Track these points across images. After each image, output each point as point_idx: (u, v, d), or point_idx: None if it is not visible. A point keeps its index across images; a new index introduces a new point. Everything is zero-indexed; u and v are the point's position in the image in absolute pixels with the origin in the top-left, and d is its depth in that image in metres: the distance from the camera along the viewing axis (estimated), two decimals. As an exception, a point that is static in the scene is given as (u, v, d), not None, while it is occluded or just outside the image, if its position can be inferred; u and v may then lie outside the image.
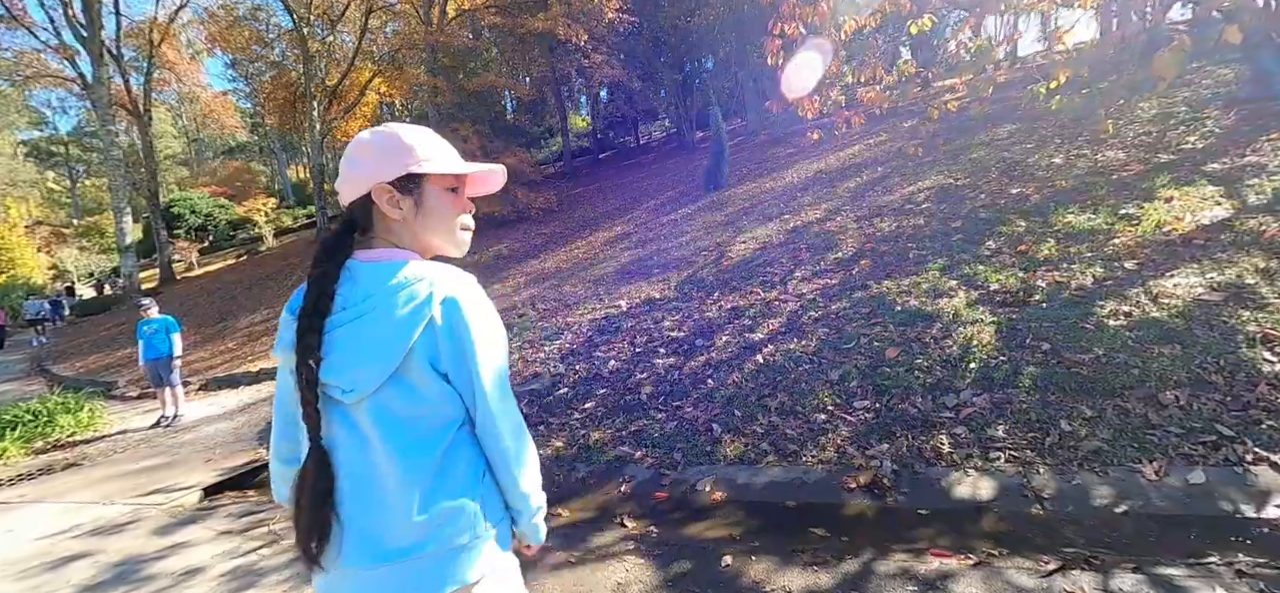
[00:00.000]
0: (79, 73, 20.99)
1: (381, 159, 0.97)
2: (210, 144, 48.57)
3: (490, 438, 0.98)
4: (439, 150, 1.02)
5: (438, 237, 1.06)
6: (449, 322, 0.92)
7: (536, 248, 12.88)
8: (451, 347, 0.92)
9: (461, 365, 0.93)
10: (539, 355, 5.42)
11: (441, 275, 0.95)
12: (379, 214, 0.99)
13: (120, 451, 6.00)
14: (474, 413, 0.97)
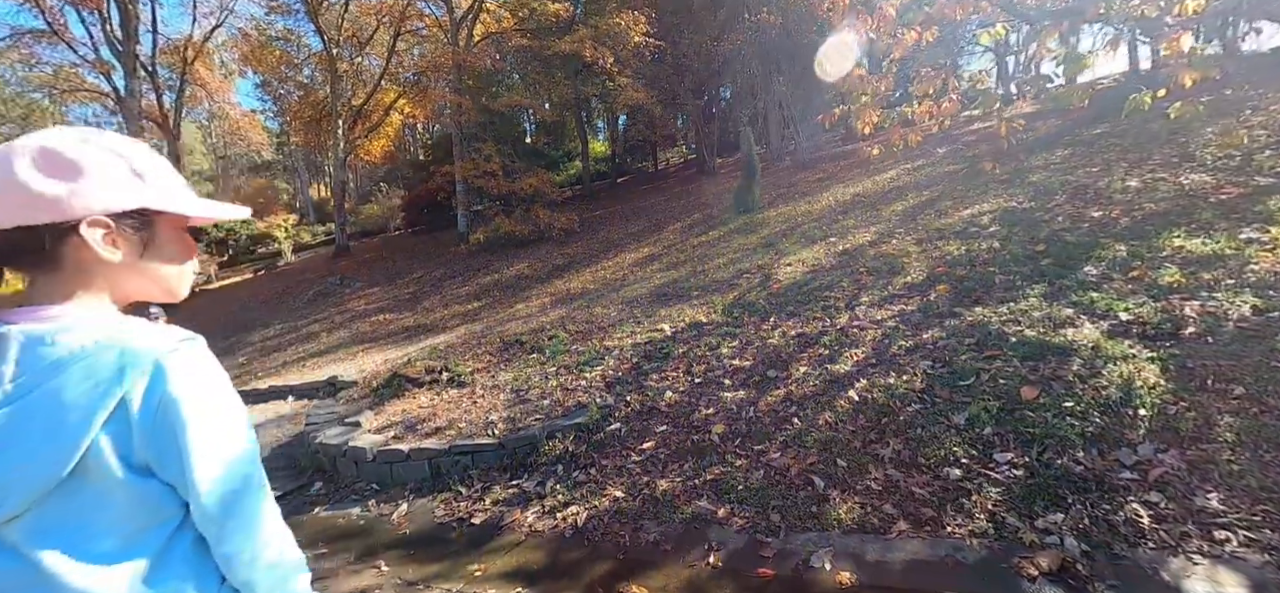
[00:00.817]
0: (114, 87, 20.82)
1: (105, 182, 0.70)
2: (236, 161, 48.75)
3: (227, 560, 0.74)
4: (176, 180, 0.80)
5: (159, 286, 0.81)
6: (152, 400, 0.67)
7: (559, 268, 12.21)
8: (156, 432, 0.68)
9: (173, 457, 0.69)
10: (580, 383, 4.67)
11: (141, 336, 0.69)
12: (71, 253, 0.70)
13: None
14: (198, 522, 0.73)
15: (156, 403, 0.67)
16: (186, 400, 0.69)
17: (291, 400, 7.45)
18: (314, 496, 3.93)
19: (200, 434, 0.70)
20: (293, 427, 5.98)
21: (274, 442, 5.50)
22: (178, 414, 0.68)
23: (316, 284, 17.02)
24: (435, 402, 4.83)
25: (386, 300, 13.61)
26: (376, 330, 10.97)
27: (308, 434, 4.60)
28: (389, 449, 3.87)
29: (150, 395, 0.67)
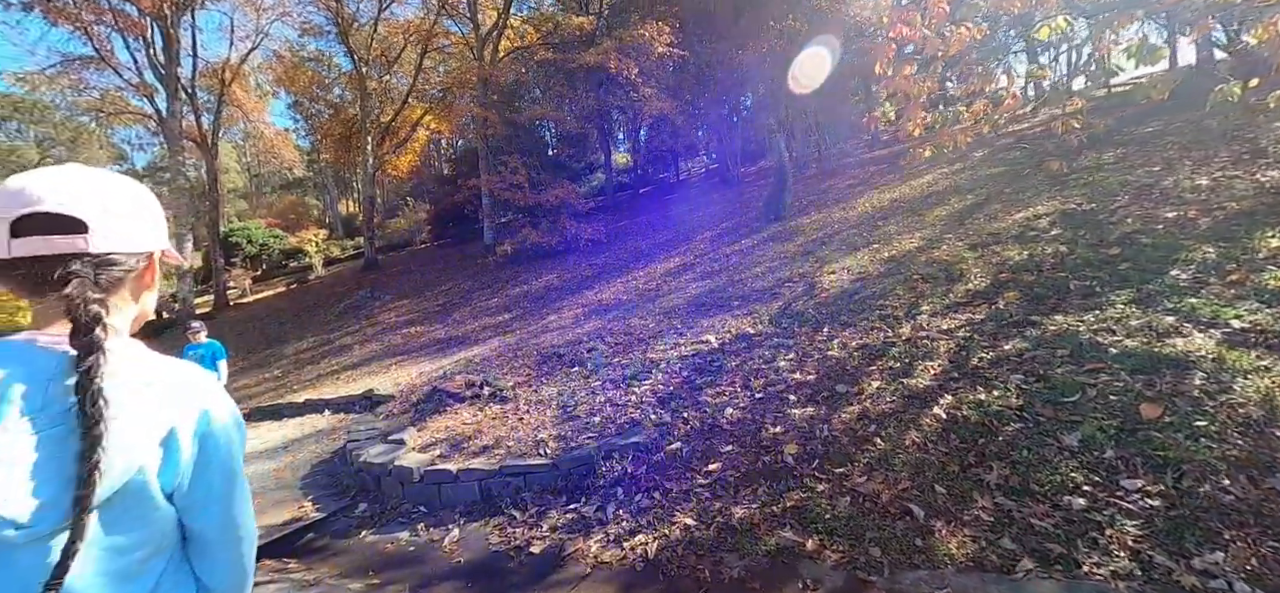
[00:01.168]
0: (156, 109, 21.31)
1: (158, 223, 0.86)
2: (269, 179, 49.76)
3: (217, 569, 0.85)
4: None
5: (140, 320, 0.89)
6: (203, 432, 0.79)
7: (589, 279, 12.00)
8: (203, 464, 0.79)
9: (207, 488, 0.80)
10: (629, 398, 4.41)
11: (188, 375, 0.82)
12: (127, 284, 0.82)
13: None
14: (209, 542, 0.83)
15: (204, 430, 0.79)
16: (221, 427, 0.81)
17: (327, 414, 7.31)
18: (359, 517, 3.71)
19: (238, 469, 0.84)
20: (331, 442, 5.81)
21: (314, 458, 5.33)
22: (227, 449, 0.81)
23: (347, 297, 17.08)
24: (479, 418, 4.61)
25: (416, 313, 13.54)
26: (408, 343, 10.86)
27: (350, 451, 4.41)
28: (436, 469, 3.64)
29: (203, 427, 0.78)
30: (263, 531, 3.64)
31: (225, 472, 0.82)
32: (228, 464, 0.82)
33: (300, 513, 3.81)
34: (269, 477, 4.99)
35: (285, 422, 7.43)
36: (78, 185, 0.75)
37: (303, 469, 5.05)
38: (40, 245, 0.71)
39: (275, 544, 3.42)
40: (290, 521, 3.70)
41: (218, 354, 6.15)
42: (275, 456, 5.74)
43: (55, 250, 0.72)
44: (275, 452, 5.89)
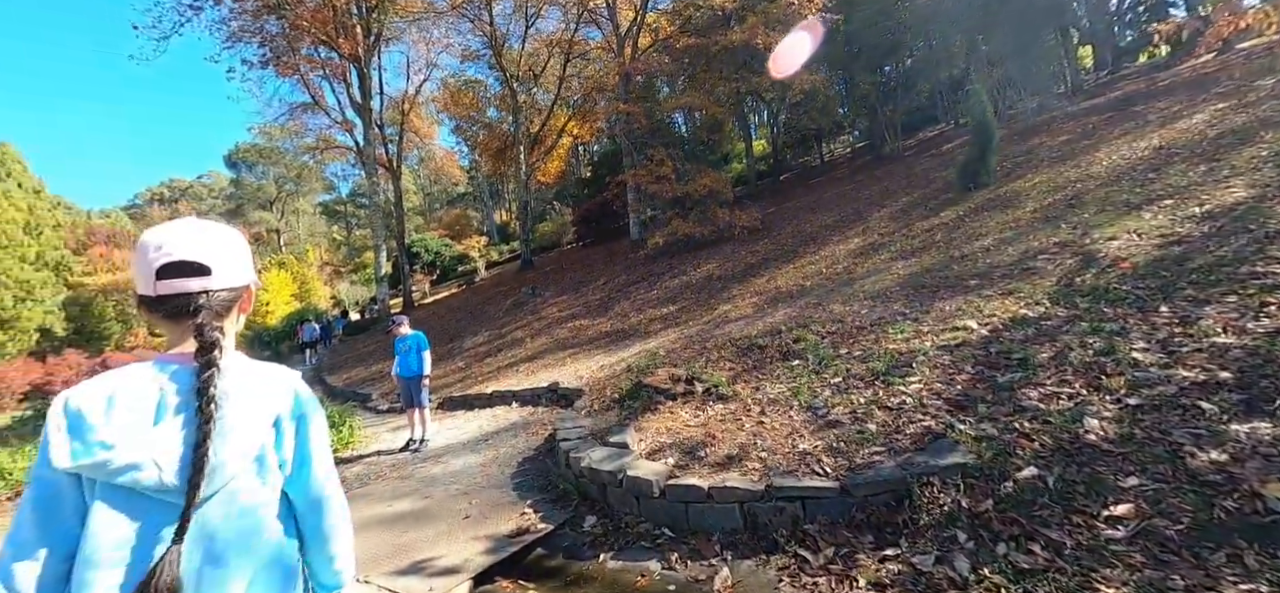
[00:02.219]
0: (355, 142, 24.19)
1: (249, 262, 1.03)
2: (438, 197, 55.22)
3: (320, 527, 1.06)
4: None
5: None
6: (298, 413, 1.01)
7: (753, 267, 10.94)
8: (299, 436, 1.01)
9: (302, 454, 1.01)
10: (899, 399, 3.33)
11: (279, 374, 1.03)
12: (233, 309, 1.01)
13: (373, 477, 5.11)
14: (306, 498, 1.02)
15: (298, 413, 1.01)
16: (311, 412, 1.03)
17: (516, 406, 7.12)
18: (591, 534, 3.09)
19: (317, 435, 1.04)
20: (530, 437, 5.45)
21: (517, 454, 4.96)
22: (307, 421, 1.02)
23: (511, 295, 17.76)
24: (703, 420, 3.83)
25: (577, 307, 13.49)
26: (576, 336, 10.67)
27: (565, 454, 3.86)
28: (681, 485, 2.89)
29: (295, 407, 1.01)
30: (490, 540, 3.15)
31: (319, 438, 1.03)
32: (318, 432, 1.03)
33: (524, 523, 3.29)
34: (477, 472, 4.68)
35: (477, 412, 7.38)
36: (201, 238, 0.94)
37: (509, 466, 4.67)
38: (179, 285, 0.91)
39: (508, 563, 2.90)
40: (517, 533, 3.18)
41: (422, 345, 6.14)
42: (477, 449, 5.50)
43: (189, 290, 0.92)
44: (476, 445, 5.67)
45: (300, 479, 1.00)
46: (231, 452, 0.88)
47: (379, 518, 3.82)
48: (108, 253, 42.93)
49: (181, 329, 0.93)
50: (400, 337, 6.14)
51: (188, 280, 0.91)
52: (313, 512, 1.02)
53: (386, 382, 11.98)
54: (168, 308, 0.92)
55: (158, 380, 0.89)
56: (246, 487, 0.92)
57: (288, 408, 0.98)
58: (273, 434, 0.96)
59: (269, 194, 49.75)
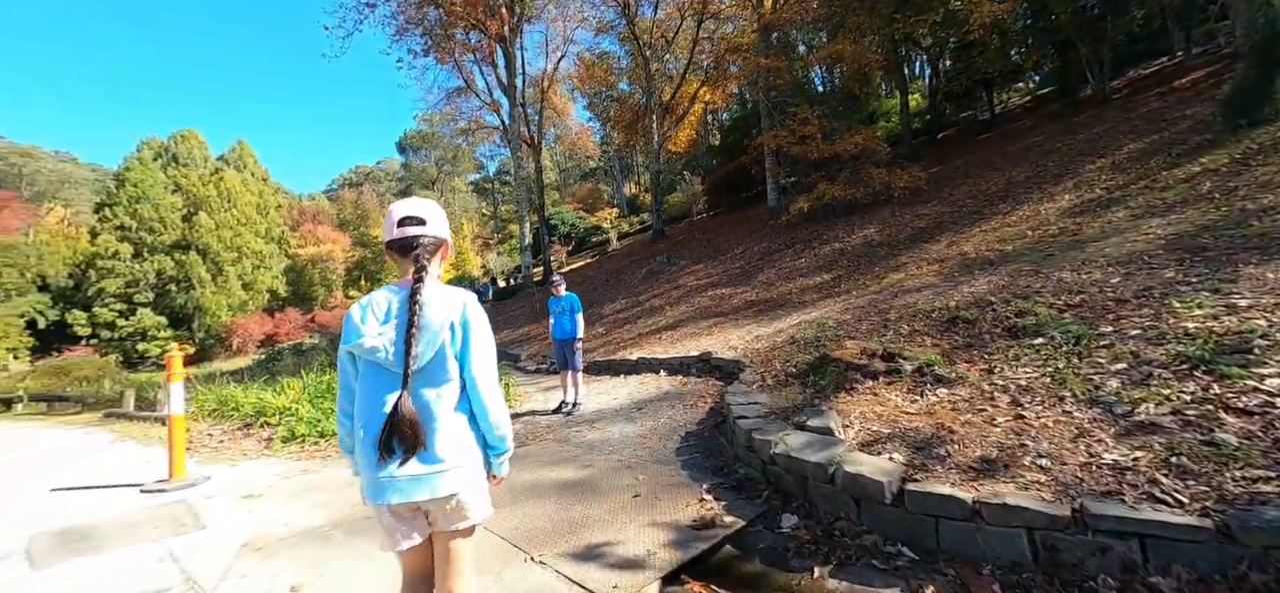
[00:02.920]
0: (501, 121, 25.62)
1: (446, 224, 1.56)
2: (572, 172, 57.44)
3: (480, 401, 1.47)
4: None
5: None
6: (465, 320, 1.46)
7: (924, 232, 9.42)
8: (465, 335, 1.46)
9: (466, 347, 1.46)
10: (1261, 402, 2.25)
11: (459, 293, 1.50)
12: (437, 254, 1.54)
13: (531, 438, 5.02)
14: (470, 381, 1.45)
15: (464, 321, 1.46)
16: (475, 322, 1.47)
17: (664, 375, 6.74)
18: (792, 538, 2.50)
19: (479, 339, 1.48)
20: (686, 409, 5.00)
21: (677, 427, 4.52)
22: (471, 328, 1.46)
23: (645, 264, 17.62)
24: (925, 406, 3.02)
25: (716, 276, 12.85)
26: (719, 305, 10.08)
27: (742, 432, 3.31)
28: (929, 493, 2.16)
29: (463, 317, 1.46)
30: (671, 530, 2.69)
31: (478, 338, 1.46)
32: (474, 338, 1.45)
33: (706, 513, 2.80)
34: (636, 443, 4.31)
35: (624, 379, 7.13)
36: (421, 204, 1.51)
37: (670, 439, 4.24)
38: (408, 231, 1.47)
39: (695, 562, 2.41)
40: (702, 525, 2.68)
41: (576, 307, 5.97)
42: (632, 417, 5.17)
43: (411, 234, 1.47)
44: (630, 413, 5.35)
45: (466, 367, 1.43)
46: (425, 343, 1.38)
47: (543, 485, 3.58)
48: (313, 229, 50.91)
49: (406, 263, 1.46)
50: (555, 296, 6.01)
51: (411, 228, 1.45)
52: (474, 391, 1.43)
53: (533, 343, 12.45)
54: (399, 247, 1.46)
55: (390, 297, 1.44)
56: (436, 365, 1.40)
57: (459, 318, 1.43)
58: (450, 333, 1.41)
59: (430, 175, 55.32)
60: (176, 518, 3.53)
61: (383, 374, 1.39)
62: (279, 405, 6.12)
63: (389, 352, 1.37)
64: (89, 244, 38.82)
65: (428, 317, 1.38)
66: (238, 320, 39.57)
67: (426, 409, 1.38)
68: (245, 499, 3.84)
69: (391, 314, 1.41)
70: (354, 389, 1.46)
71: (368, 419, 1.37)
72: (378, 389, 1.38)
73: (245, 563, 2.77)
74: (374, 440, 1.34)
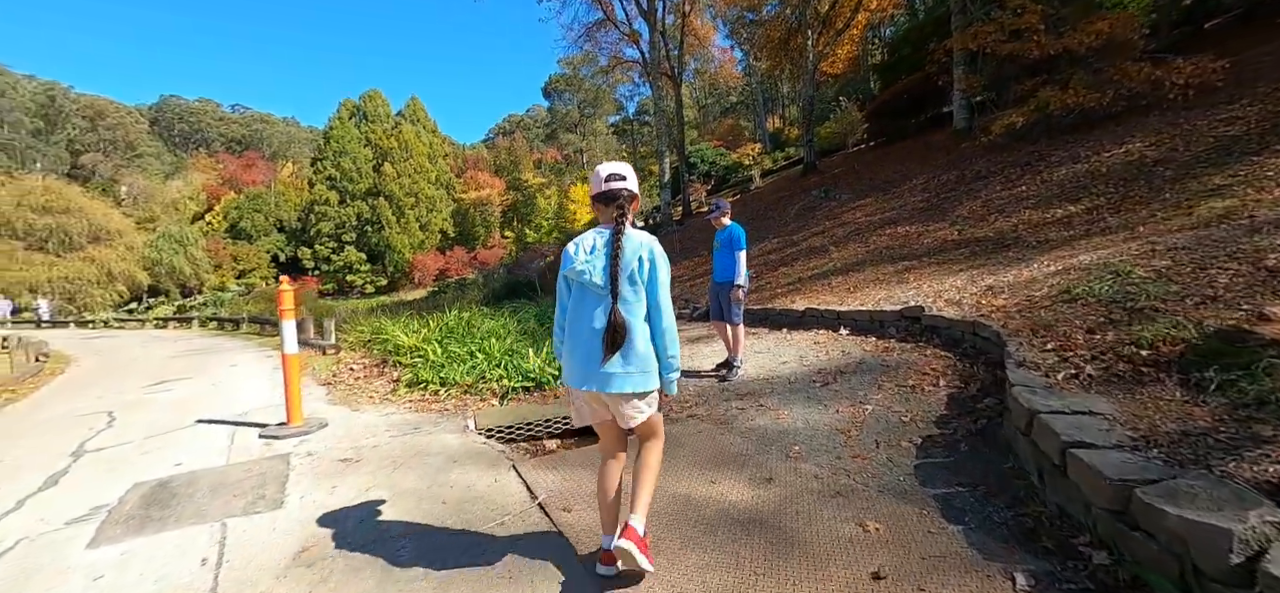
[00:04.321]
0: (641, 53, 24.18)
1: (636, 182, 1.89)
2: (711, 109, 54.62)
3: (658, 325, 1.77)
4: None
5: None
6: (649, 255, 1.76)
7: (1238, 143, 6.22)
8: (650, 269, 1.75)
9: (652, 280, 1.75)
10: None
11: (646, 236, 1.81)
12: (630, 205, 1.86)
13: (678, 414, 3.80)
14: (651, 307, 1.76)
15: (650, 257, 1.75)
16: (659, 259, 1.76)
17: (845, 333, 5.07)
18: None
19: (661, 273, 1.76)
20: (904, 392, 3.35)
21: (900, 423, 2.93)
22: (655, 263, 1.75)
23: (797, 200, 15.36)
24: None
25: (891, 211, 10.39)
26: (905, 245, 7.89)
27: (1106, 486, 1.68)
28: None
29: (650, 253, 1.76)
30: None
31: (661, 272, 1.76)
32: (658, 271, 1.75)
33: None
34: (838, 445, 2.82)
35: (789, 335, 5.58)
36: (621, 165, 1.85)
37: (896, 446, 2.69)
38: (613, 185, 1.80)
39: None
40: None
41: (737, 239, 4.56)
42: (815, 394, 3.65)
43: (615, 188, 1.80)
44: (810, 387, 3.83)
45: (652, 294, 1.75)
46: (622, 270, 1.72)
47: (702, 511, 2.30)
48: (474, 176, 55.10)
49: (610, 210, 1.82)
50: (719, 230, 4.68)
51: (616, 183, 1.80)
52: (656, 313, 1.76)
53: (675, 285, 11.33)
54: (606, 197, 1.83)
55: (595, 236, 1.80)
56: (630, 289, 1.73)
57: (646, 254, 1.75)
58: (639, 265, 1.73)
59: (573, 119, 56.26)
60: (262, 484, 2.92)
61: (588, 294, 1.77)
62: (410, 345, 5.68)
63: (594, 275, 1.73)
64: (309, 193, 46.09)
65: (626, 250, 1.72)
66: (417, 257, 44.67)
67: (627, 324, 1.70)
68: (341, 464, 3.16)
69: (597, 249, 1.77)
70: (567, 306, 1.85)
71: (576, 326, 1.78)
72: (585, 305, 1.77)
73: (285, 588, 1.91)
74: (586, 341, 1.73)
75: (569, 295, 1.83)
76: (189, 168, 51.83)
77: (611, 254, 1.70)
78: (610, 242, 1.73)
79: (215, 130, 68.62)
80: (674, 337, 1.76)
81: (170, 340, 12.87)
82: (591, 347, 1.71)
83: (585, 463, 2.91)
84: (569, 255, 1.81)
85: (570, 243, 1.82)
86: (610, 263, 1.70)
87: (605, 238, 1.76)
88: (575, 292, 1.81)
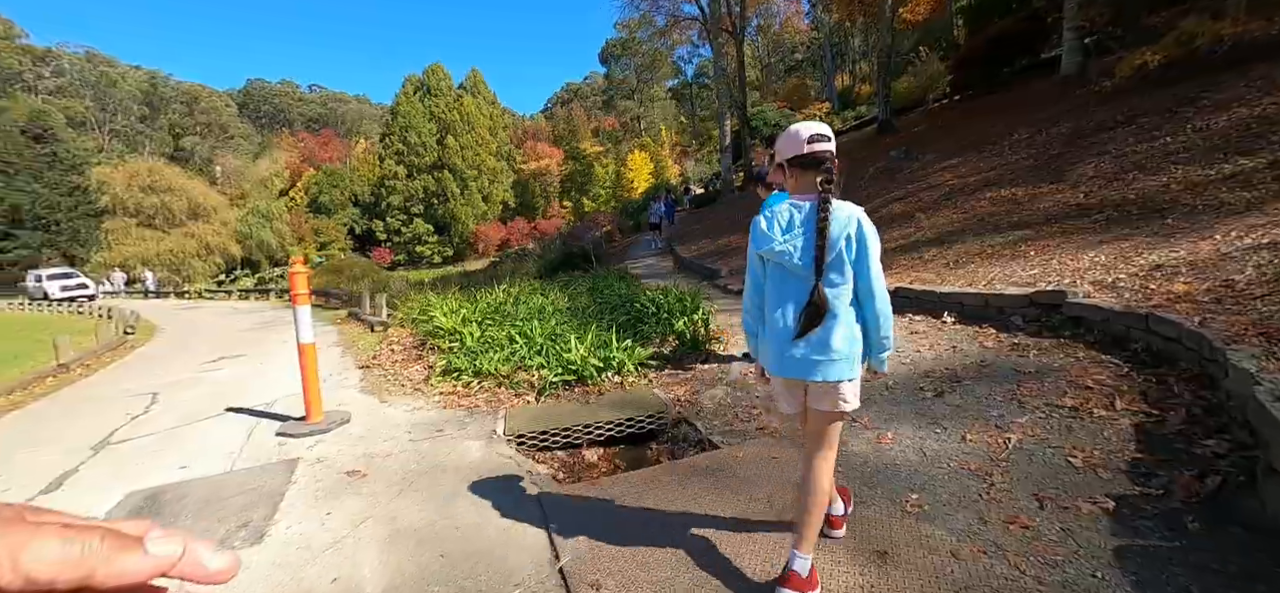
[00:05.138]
0: (700, 9, 22.73)
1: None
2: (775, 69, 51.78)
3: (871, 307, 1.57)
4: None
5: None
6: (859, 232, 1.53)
7: None
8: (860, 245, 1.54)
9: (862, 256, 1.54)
10: None
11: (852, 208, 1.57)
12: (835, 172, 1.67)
13: (746, 427, 3.10)
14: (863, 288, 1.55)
15: (859, 232, 1.52)
16: (868, 233, 1.54)
17: (951, 320, 4.12)
18: None
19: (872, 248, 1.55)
20: (1057, 416, 2.41)
21: (1064, 465, 2.07)
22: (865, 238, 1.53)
23: (873, 161, 13.85)
24: None
25: (990, 171, 8.94)
26: (1011, 212, 6.63)
27: None
28: None
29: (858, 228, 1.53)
30: None
31: (872, 249, 1.53)
32: (868, 247, 1.52)
33: None
34: (974, 496, 2.00)
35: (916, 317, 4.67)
36: (824, 126, 1.59)
37: (1067, 497, 1.85)
38: (819, 147, 1.54)
39: None
40: None
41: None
42: (928, 410, 2.79)
43: (821, 151, 1.54)
44: (918, 397, 2.98)
45: (862, 274, 1.53)
46: (829, 250, 1.49)
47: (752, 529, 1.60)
48: (533, 146, 55.26)
49: (806, 179, 1.57)
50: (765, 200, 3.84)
51: (820, 145, 1.55)
52: (868, 295, 1.54)
53: (737, 256, 10.43)
54: (808, 161, 1.55)
55: (791, 209, 1.57)
56: (835, 268, 1.51)
57: (854, 229, 1.51)
58: (846, 243, 1.50)
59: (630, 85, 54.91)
60: (253, 503, 2.50)
61: (787, 274, 1.57)
62: (449, 327, 5.25)
63: (794, 255, 1.52)
64: (379, 168, 47.89)
65: (832, 227, 1.48)
66: (480, 228, 45.63)
67: (831, 305, 1.52)
68: (346, 478, 2.70)
69: (794, 224, 1.54)
70: (762, 286, 1.67)
71: (775, 310, 1.59)
72: (784, 285, 1.58)
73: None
74: (785, 327, 1.55)
75: (765, 276, 1.66)
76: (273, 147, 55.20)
77: (817, 231, 1.49)
78: (813, 217, 1.51)
79: (295, 110, 72.71)
80: (888, 318, 1.56)
81: (245, 313, 13.46)
82: (791, 332, 1.55)
83: (630, 494, 2.26)
84: (763, 232, 1.61)
85: (761, 216, 1.63)
86: (815, 242, 1.49)
87: (805, 211, 1.54)
88: (772, 272, 1.62)
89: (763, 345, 1.67)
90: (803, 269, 1.51)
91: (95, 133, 48.56)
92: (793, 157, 1.57)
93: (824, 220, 1.47)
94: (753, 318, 1.73)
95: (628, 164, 41.07)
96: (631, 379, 4.02)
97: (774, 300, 1.60)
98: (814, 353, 1.51)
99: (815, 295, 1.48)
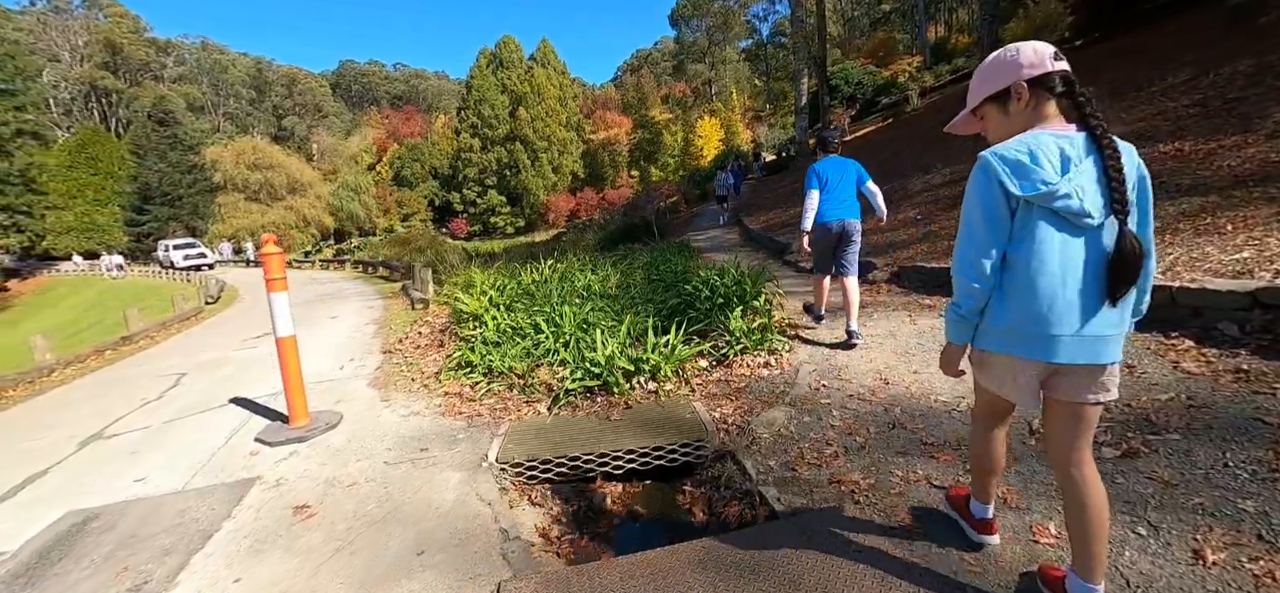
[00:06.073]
0: (774, -44, 20.74)
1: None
2: (858, 23, 47.71)
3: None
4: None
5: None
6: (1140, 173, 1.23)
7: None
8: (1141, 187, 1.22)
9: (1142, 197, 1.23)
10: None
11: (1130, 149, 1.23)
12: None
13: (819, 473, 2.24)
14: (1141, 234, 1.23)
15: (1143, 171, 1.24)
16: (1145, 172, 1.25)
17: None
18: None
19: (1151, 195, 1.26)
20: None
21: None
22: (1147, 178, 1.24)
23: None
24: None
25: (1143, 122, 7.07)
26: (1182, 173, 5.04)
27: None
28: None
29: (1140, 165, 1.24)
30: None
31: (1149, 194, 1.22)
32: (1151, 192, 1.22)
33: None
34: None
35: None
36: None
37: None
38: (1064, 65, 1.21)
39: None
40: None
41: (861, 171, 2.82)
42: (1116, 486, 1.84)
43: (1069, 70, 1.21)
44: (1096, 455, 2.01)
45: (1144, 224, 1.22)
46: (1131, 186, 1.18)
47: None
48: (603, 116, 54.66)
49: (1047, 106, 1.21)
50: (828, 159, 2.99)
51: (1065, 63, 1.21)
52: (1147, 258, 1.22)
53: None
54: (1050, 85, 1.19)
55: (1057, 141, 1.16)
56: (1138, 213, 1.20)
57: (1134, 174, 1.19)
58: (1139, 182, 1.20)
59: (701, 47, 52.60)
60: (169, 548, 1.99)
61: (1067, 226, 1.17)
62: (472, 310, 4.69)
63: (1086, 199, 1.14)
64: (456, 141, 49.33)
65: (1125, 161, 1.17)
66: (550, 199, 46.01)
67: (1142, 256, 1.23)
68: (290, 518, 2.15)
69: (1071, 160, 1.16)
70: (1007, 244, 1.22)
71: (1050, 275, 1.18)
72: (1069, 244, 1.17)
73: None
74: (1072, 291, 1.17)
75: (1026, 230, 1.18)
76: (362, 124, 58.47)
77: (1108, 166, 1.13)
78: (1097, 147, 1.15)
79: (382, 88, 76.55)
80: (1150, 281, 1.27)
81: (319, 282, 13.96)
82: (1080, 299, 1.16)
83: (651, 577, 1.50)
84: (1030, 171, 1.15)
85: (1011, 151, 1.18)
86: (1110, 179, 1.13)
87: (1079, 145, 1.16)
88: (1039, 225, 1.17)
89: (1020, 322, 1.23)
90: (1096, 216, 1.15)
91: (211, 115, 53.58)
92: (1031, 77, 1.20)
93: (1113, 151, 1.14)
94: (982, 292, 1.25)
95: (696, 130, 39.49)
96: (669, 386, 3.23)
97: (1046, 263, 1.18)
98: (1106, 326, 1.19)
99: (1126, 243, 1.14)
